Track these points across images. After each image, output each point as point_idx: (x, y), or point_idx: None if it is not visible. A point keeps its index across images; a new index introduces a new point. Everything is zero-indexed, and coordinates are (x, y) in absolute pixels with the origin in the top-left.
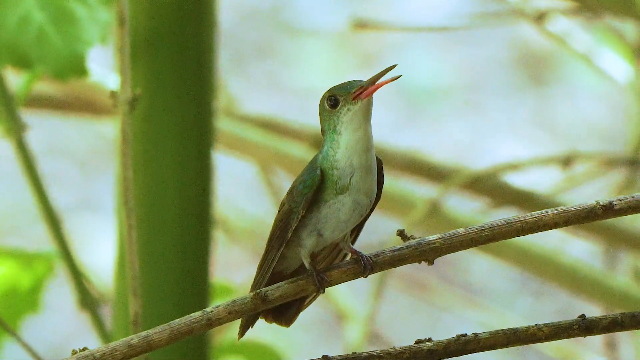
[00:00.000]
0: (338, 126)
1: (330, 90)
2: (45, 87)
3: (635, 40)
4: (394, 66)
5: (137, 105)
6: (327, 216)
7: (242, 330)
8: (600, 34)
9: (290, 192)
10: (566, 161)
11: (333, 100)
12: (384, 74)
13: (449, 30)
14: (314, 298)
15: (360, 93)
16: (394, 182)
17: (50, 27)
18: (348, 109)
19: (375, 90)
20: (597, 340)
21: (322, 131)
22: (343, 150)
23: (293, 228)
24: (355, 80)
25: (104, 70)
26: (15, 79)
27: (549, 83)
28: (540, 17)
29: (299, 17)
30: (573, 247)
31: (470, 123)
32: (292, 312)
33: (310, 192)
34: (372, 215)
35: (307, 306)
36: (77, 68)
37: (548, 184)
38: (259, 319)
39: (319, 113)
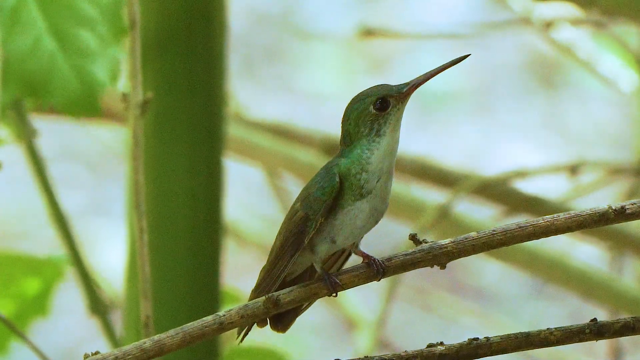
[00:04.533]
0: (384, 128)
1: (373, 94)
2: None
3: None
4: (467, 56)
5: (148, 109)
6: (343, 223)
7: (243, 336)
8: (606, 42)
9: (304, 198)
10: (573, 169)
11: (380, 103)
12: (450, 66)
13: (456, 38)
14: (310, 304)
15: (414, 87)
16: (404, 188)
17: (61, 57)
18: (398, 109)
19: (423, 82)
20: (601, 350)
21: (353, 137)
22: (382, 152)
23: (310, 236)
24: (384, 84)
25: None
26: None
27: (559, 87)
28: (547, 26)
29: (309, 21)
30: (580, 251)
31: (481, 127)
32: (289, 318)
33: (330, 199)
34: (382, 219)
35: (303, 312)
36: (89, 107)
37: (556, 191)
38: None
39: (355, 119)
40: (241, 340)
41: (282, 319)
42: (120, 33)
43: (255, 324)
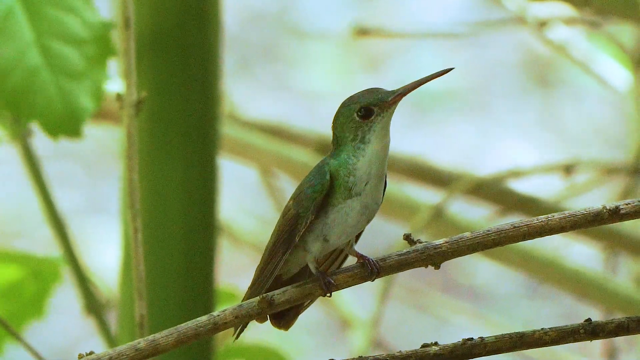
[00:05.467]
0: (368, 135)
1: (356, 101)
2: None
3: (635, 48)
4: (451, 69)
5: (143, 108)
6: (335, 221)
7: (238, 333)
8: (600, 42)
9: (296, 197)
10: (568, 169)
11: (365, 110)
12: (435, 77)
13: (452, 37)
14: (312, 301)
15: (399, 96)
16: (398, 187)
17: (46, 74)
18: (382, 117)
19: (407, 93)
20: (596, 349)
21: (339, 140)
22: (367, 159)
23: (301, 233)
24: (372, 89)
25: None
26: None
27: (555, 85)
28: (541, 25)
29: (305, 19)
30: (573, 251)
31: (475, 126)
32: (291, 315)
33: (320, 196)
34: (377, 220)
35: (305, 309)
36: (72, 130)
37: (551, 191)
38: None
39: (340, 124)
40: (236, 338)
41: (284, 317)
42: (107, 55)
43: (255, 320)
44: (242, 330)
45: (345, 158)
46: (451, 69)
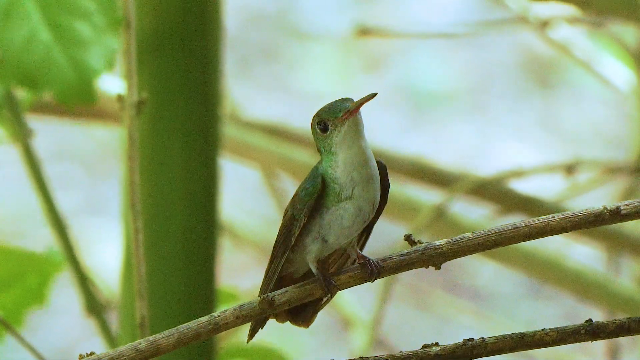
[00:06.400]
0: (333, 147)
1: (317, 115)
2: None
3: (637, 48)
4: (375, 94)
5: (144, 109)
6: (331, 222)
7: (252, 333)
8: (603, 41)
9: (293, 199)
10: (569, 169)
11: (322, 125)
12: (368, 100)
13: (451, 38)
14: (330, 299)
15: (347, 114)
16: (399, 188)
17: (57, 48)
18: (338, 131)
19: (356, 111)
20: (599, 348)
21: (318, 150)
22: (342, 168)
23: (296, 235)
24: (340, 100)
25: (110, 74)
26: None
27: (555, 86)
28: (543, 25)
29: (305, 20)
30: (575, 251)
31: (476, 126)
32: (309, 312)
33: (312, 199)
34: (378, 220)
35: (323, 306)
36: (84, 95)
37: (552, 191)
38: (272, 319)
39: (313, 135)
40: (250, 338)
41: (302, 314)
42: (115, 23)
43: (275, 319)
44: (256, 331)
45: (325, 167)
46: (376, 94)
